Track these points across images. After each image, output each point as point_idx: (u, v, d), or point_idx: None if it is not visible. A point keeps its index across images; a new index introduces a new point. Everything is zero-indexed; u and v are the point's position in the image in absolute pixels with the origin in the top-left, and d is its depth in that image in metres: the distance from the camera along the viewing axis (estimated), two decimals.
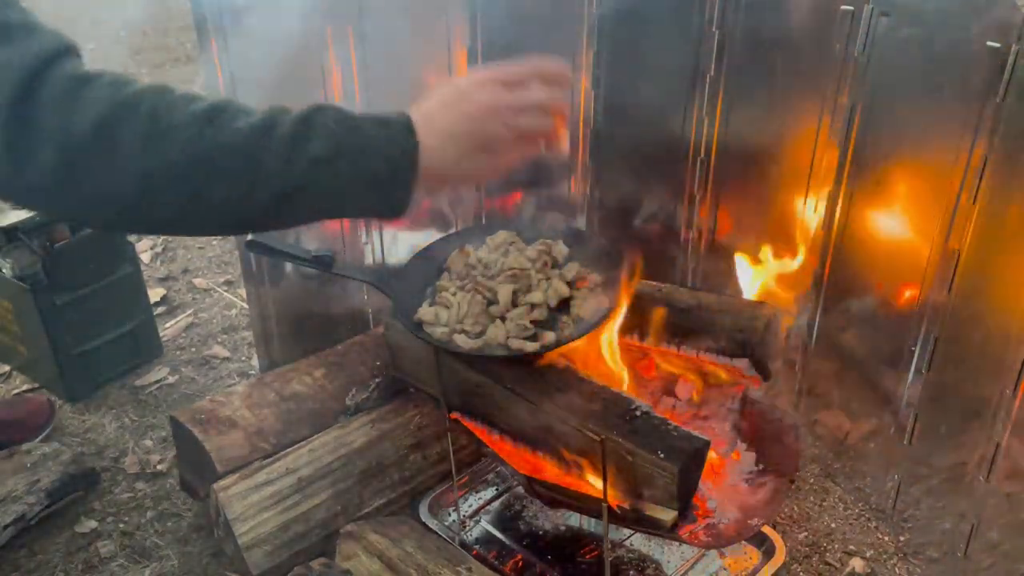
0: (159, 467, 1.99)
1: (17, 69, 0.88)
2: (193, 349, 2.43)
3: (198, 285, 2.73)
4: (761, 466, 1.57)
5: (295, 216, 1.01)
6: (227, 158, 0.92)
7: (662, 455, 1.28)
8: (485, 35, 2.02)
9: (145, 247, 2.90)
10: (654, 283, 1.67)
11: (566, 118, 1.11)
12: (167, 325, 2.51)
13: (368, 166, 0.97)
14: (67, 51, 0.93)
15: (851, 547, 1.77)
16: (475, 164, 1.04)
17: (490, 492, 1.86)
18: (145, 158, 0.90)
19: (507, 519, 1.80)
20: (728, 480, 1.53)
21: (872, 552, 1.76)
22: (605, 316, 1.46)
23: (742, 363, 1.56)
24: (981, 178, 1.45)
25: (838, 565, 1.73)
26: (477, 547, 1.73)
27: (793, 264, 1.89)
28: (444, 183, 1.06)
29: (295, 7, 1.76)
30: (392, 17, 1.87)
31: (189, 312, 2.59)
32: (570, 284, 1.53)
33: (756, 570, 1.66)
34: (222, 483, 1.64)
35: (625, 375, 1.59)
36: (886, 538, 1.79)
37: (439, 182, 1.04)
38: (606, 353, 1.58)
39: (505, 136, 1.04)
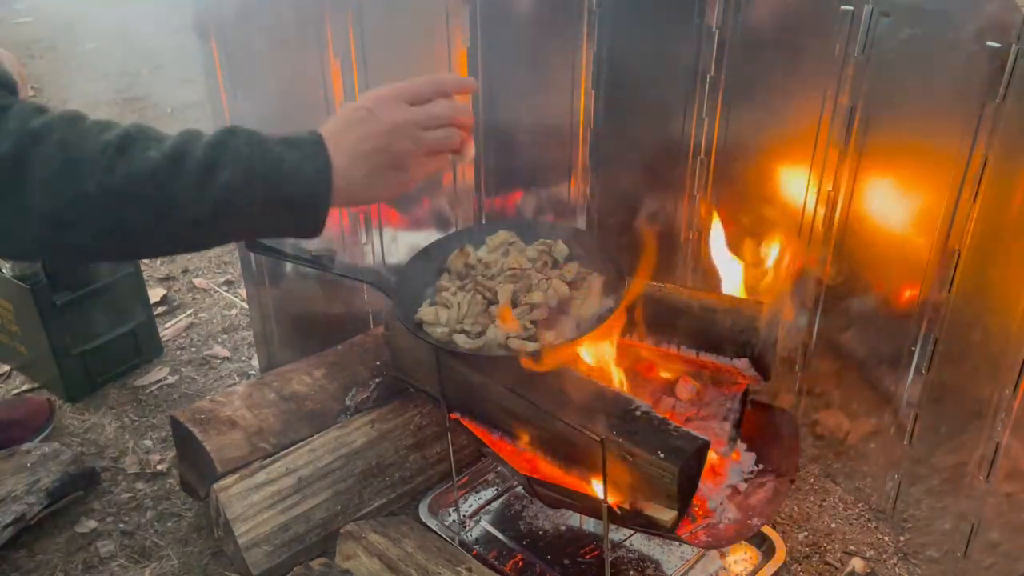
0: (159, 467, 1.99)
1: None
2: (193, 349, 2.43)
3: (198, 285, 2.73)
4: (761, 466, 1.57)
5: (212, 240, 1.02)
6: (140, 188, 0.92)
7: (662, 455, 1.28)
8: (485, 35, 2.02)
9: None
10: (654, 283, 1.67)
11: (471, 128, 1.12)
12: (167, 325, 2.51)
13: (281, 189, 0.98)
14: None
15: (851, 547, 1.77)
16: (385, 181, 1.05)
17: (490, 492, 1.86)
18: (57, 190, 0.90)
19: (507, 519, 1.80)
20: (728, 480, 1.54)
21: (872, 552, 1.76)
22: (605, 316, 1.46)
23: (742, 363, 1.56)
24: (981, 178, 1.45)
25: (838, 565, 1.73)
26: (477, 547, 1.73)
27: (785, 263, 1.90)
28: (355, 200, 1.06)
29: (295, 5, 1.76)
30: (392, 16, 1.87)
31: (189, 312, 2.59)
32: (570, 284, 1.53)
33: (756, 570, 1.66)
34: (222, 483, 1.64)
35: (624, 375, 1.59)
36: (886, 538, 1.79)
37: (350, 199, 1.05)
38: (606, 353, 1.58)
39: (413, 151, 1.06)
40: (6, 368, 2.33)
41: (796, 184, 1.82)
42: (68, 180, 0.90)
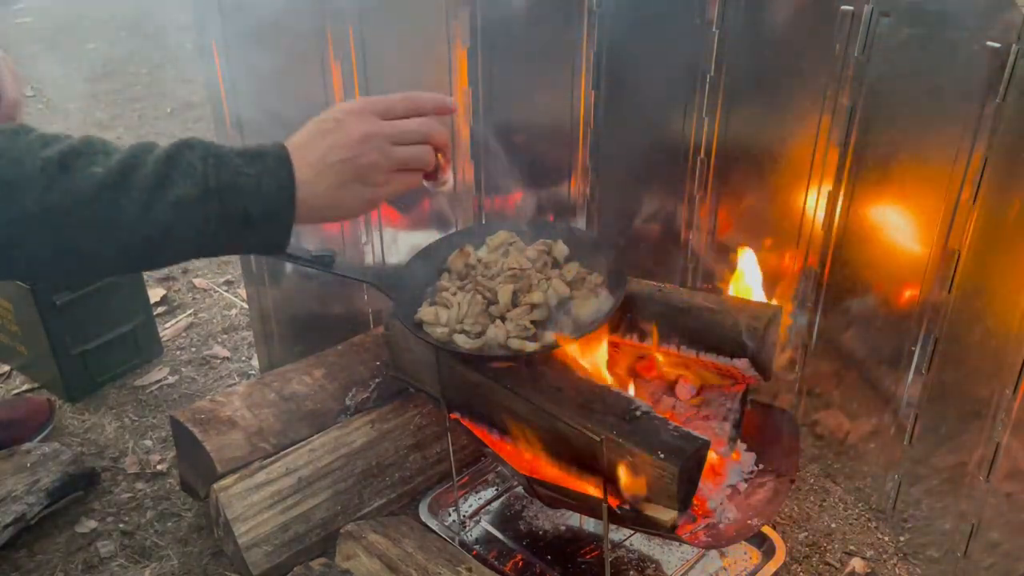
0: (159, 467, 1.99)
1: None
2: (193, 349, 2.43)
3: (198, 285, 2.73)
4: (761, 466, 1.57)
5: (167, 259, 0.97)
6: (83, 207, 0.88)
7: (662, 455, 1.28)
8: (485, 35, 2.02)
9: None
10: (654, 283, 1.67)
11: (448, 149, 1.09)
12: (167, 325, 2.51)
13: (240, 205, 0.93)
14: None
15: (851, 547, 1.77)
16: (350, 195, 1.01)
17: (490, 492, 1.86)
18: None
19: (507, 519, 1.80)
20: (728, 480, 1.54)
21: (872, 552, 1.76)
22: (605, 316, 1.46)
23: (742, 363, 1.56)
24: (981, 178, 1.45)
25: (838, 565, 1.73)
26: (477, 547, 1.73)
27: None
28: (319, 216, 1.02)
29: (295, 6, 1.76)
30: (393, 16, 1.87)
31: (189, 312, 2.59)
32: (570, 284, 1.53)
33: (756, 570, 1.66)
34: (222, 483, 1.64)
35: (624, 375, 1.59)
36: (886, 538, 1.79)
37: (313, 214, 1.00)
38: (606, 353, 1.58)
39: (381, 166, 1.02)
40: (6, 368, 2.33)
41: (796, 184, 1.83)
42: (8, 199, 0.86)
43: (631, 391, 1.56)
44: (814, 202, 1.80)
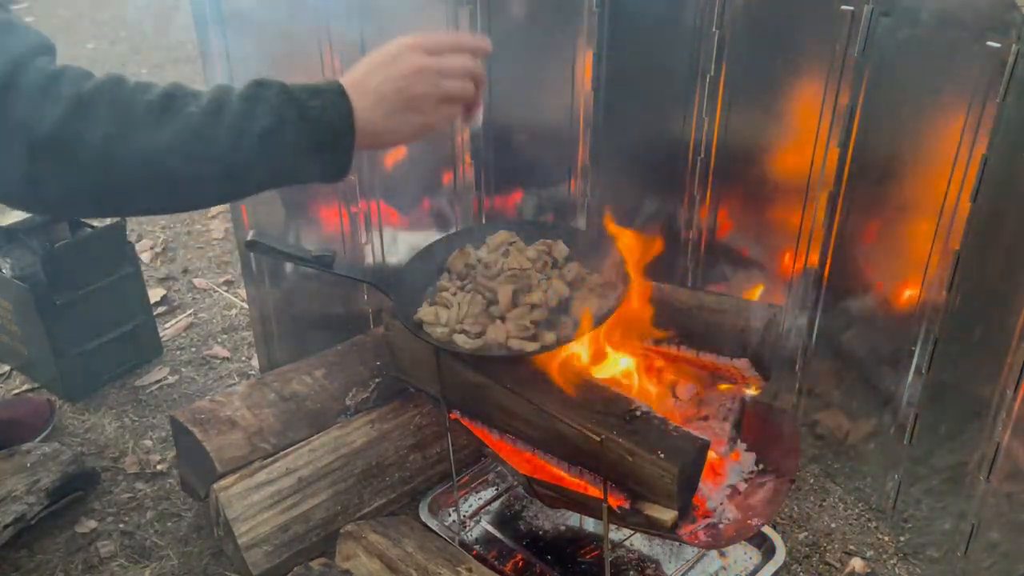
0: (159, 467, 1.99)
1: None
2: (193, 349, 2.43)
3: (198, 285, 2.73)
4: (761, 466, 1.57)
5: (251, 187, 1.09)
6: (186, 142, 0.99)
7: (662, 455, 1.28)
8: (485, 35, 2.02)
9: (145, 247, 2.90)
10: (654, 283, 1.67)
11: (484, 88, 1.19)
12: (167, 325, 2.51)
13: (311, 133, 1.04)
14: (44, 49, 1.00)
15: (851, 547, 1.77)
16: (404, 122, 1.12)
17: (490, 492, 1.86)
18: (111, 150, 0.97)
19: (507, 519, 1.80)
20: (728, 480, 1.54)
21: (872, 552, 1.76)
22: (605, 316, 1.46)
23: (742, 363, 1.56)
24: (981, 178, 1.45)
25: (838, 565, 1.73)
26: (477, 547, 1.73)
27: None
28: (379, 142, 1.13)
29: (296, 5, 1.76)
30: (393, 15, 1.87)
31: (189, 312, 2.59)
32: (570, 284, 1.53)
33: (756, 570, 1.66)
34: (222, 483, 1.64)
35: (624, 375, 1.59)
36: (886, 538, 1.79)
37: (375, 140, 1.11)
38: (606, 353, 1.58)
39: (430, 96, 1.12)
40: (6, 368, 2.33)
41: (796, 184, 1.82)
42: (120, 140, 0.97)
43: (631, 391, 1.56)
44: (814, 202, 1.80)
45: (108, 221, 2.20)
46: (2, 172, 0.96)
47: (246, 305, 2.50)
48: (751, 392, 1.62)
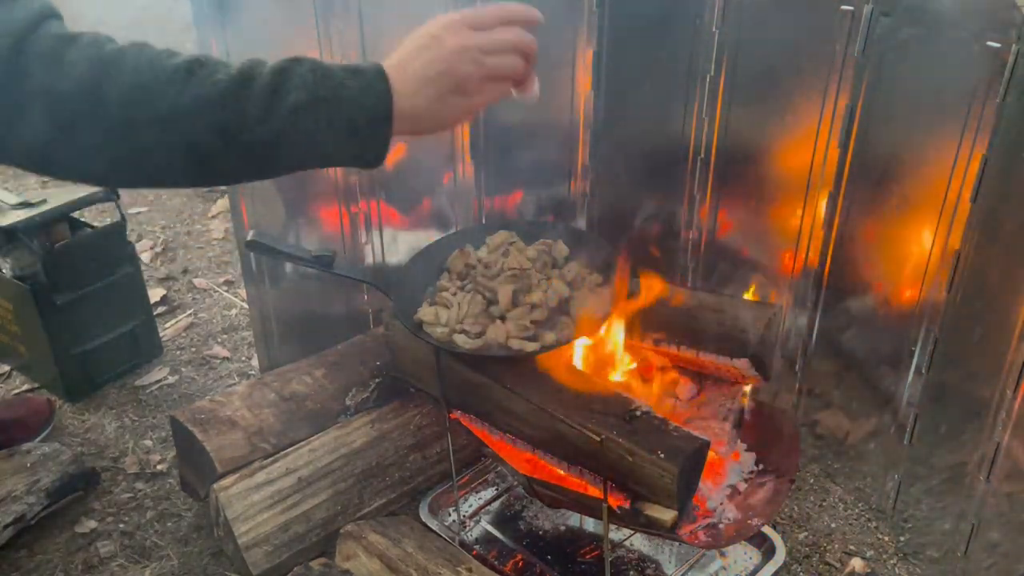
0: (159, 467, 1.99)
1: (4, 32, 0.92)
2: (193, 349, 2.43)
3: (198, 285, 2.73)
4: (761, 466, 1.57)
5: (278, 166, 1.04)
6: (210, 110, 0.95)
7: (662, 455, 1.28)
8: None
9: (145, 247, 2.90)
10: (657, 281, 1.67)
11: (535, 59, 1.12)
12: (167, 325, 2.51)
13: (345, 113, 0.99)
14: (52, 14, 0.98)
15: (851, 547, 1.77)
16: (449, 106, 1.06)
17: (490, 492, 1.86)
18: (132, 113, 0.94)
19: (507, 519, 1.80)
20: (728, 480, 1.54)
21: (872, 552, 1.76)
22: (605, 316, 1.46)
23: (742, 363, 1.56)
24: (981, 178, 1.45)
25: (838, 565, 1.73)
26: (477, 547, 1.73)
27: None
28: (420, 127, 1.07)
29: (295, 6, 1.76)
30: (393, 16, 1.87)
31: (189, 312, 2.59)
32: (570, 284, 1.53)
33: (756, 570, 1.66)
34: (222, 483, 1.64)
35: (624, 375, 1.59)
36: (886, 538, 1.79)
37: (416, 126, 1.06)
38: (606, 353, 1.58)
39: (476, 76, 1.06)
40: (6, 368, 2.33)
41: (796, 184, 1.82)
42: (143, 102, 0.94)
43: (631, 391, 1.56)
44: (814, 202, 1.80)
45: (108, 221, 2.19)
46: (19, 135, 0.93)
47: (246, 305, 2.50)
48: (750, 392, 1.63)
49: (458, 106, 1.07)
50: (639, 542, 1.72)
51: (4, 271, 2.09)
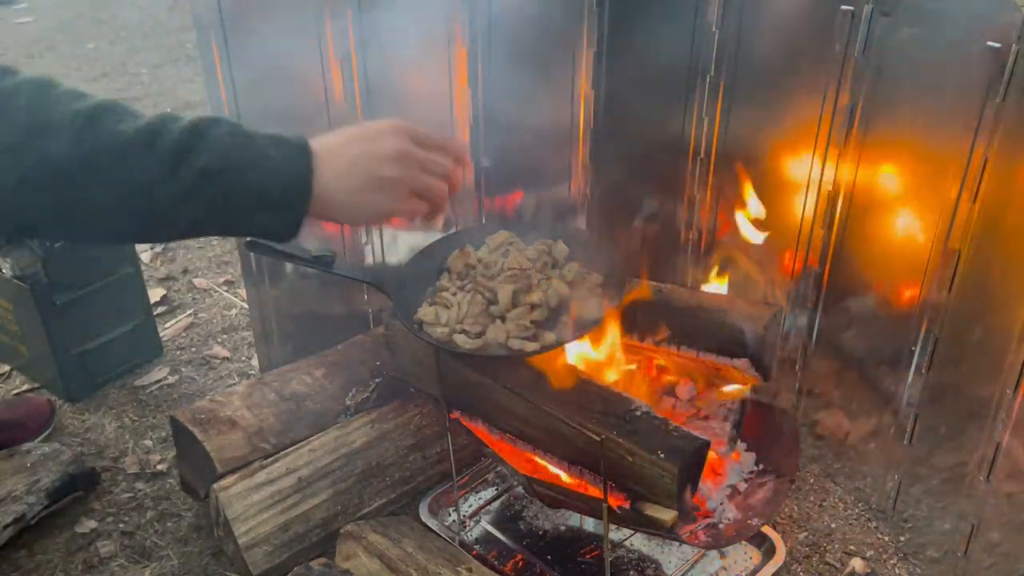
0: (159, 467, 1.99)
1: None
2: (193, 349, 2.43)
3: (198, 285, 2.73)
4: (761, 466, 1.57)
5: (177, 229, 0.97)
6: (107, 161, 0.88)
7: (662, 455, 1.28)
8: (485, 35, 2.02)
9: (145, 247, 2.90)
10: (654, 283, 1.67)
11: (456, 195, 1.14)
12: (167, 325, 2.51)
13: (258, 183, 0.95)
14: None
15: (851, 547, 1.77)
16: (368, 202, 1.04)
17: (490, 492, 1.86)
18: (20, 154, 0.86)
19: (507, 519, 1.80)
20: (728, 480, 1.54)
21: (872, 552, 1.76)
22: (605, 316, 1.46)
23: (742, 363, 1.56)
24: (981, 178, 1.45)
25: (838, 565, 1.73)
26: (477, 547, 1.73)
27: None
28: (331, 213, 1.03)
29: (295, 6, 1.76)
30: (393, 16, 1.87)
31: (189, 312, 2.59)
32: (570, 284, 1.53)
33: (756, 570, 1.66)
34: (222, 483, 1.64)
35: (624, 375, 1.59)
36: (886, 538, 1.79)
37: (327, 211, 1.02)
38: (606, 353, 1.58)
39: (404, 184, 1.06)
40: (6, 368, 2.33)
41: (796, 184, 1.83)
42: (34, 145, 0.86)
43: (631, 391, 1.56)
44: (814, 202, 1.80)
45: None
46: None
47: (246, 305, 2.50)
48: (750, 392, 1.63)
49: (377, 205, 1.05)
50: (639, 542, 1.72)
51: (4, 271, 2.09)
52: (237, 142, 0.94)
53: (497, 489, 1.87)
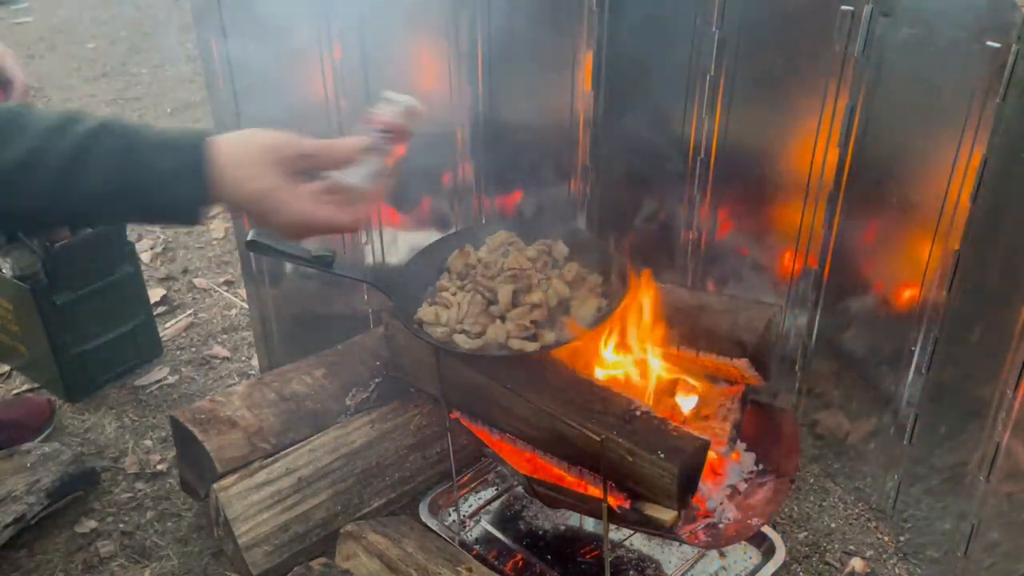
0: (159, 467, 1.99)
1: None
2: (193, 349, 2.43)
3: (198, 285, 2.73)
4: (761, 466, 1.57)
5: (90, 222, 1.04)
6: (9, 181, 0.90)
7: (662, 455, 1.28)
8: (485, 35, 2.02)
9: (145, 247, 2.90)
10: (654, 283, 1.67)
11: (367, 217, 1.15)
12: (167, 325, 2.51)
13: (150, 204, 0.95)
14: None
15: (851, 547, 1.77)
16: (269, 185, 0.99)
17: (490, 492, 1.86)
18: None
19: (507, 519, 1.80)
20: (728, 480, 1.54)
21: (872, 552, 1.76)
22: (605, 316, 1.46)
23: (742, 363, 1.56)
24: (981, 178, 1.45)
25: (838, 565, 1.73)
26: (477, 547, 1.73)
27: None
28: (240, 202, 1.00)
29: (296, 6, 1.76)
30: (393, 15, 1.87)
31: (189, 312, 2.59)
32: (570, 284, 1.53)
33: (756, 570, 1.66)
34: (222, 483, 1.64)
35: (624, 375, 1.59)
36: (886, 538, 1.79)
37: (236, 200, 0.99)
38: (605, 353, 1.58)
39: (314, 177, 1.03)
40: (6, 368, 2.33)
41: (796, 184, 1.82)
42: None
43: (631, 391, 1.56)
44: (814, 202, 1.80)
45: None
46: None
47: (246, 305, 2.50)
48: (750, 392, 1.63)
49: (279, 188, 0.99)
50: (639, 542, 1.72)
51: (4, 271, 2.09)
52: (130, 160, 0.93)
53: (497, 489, 1.87)
